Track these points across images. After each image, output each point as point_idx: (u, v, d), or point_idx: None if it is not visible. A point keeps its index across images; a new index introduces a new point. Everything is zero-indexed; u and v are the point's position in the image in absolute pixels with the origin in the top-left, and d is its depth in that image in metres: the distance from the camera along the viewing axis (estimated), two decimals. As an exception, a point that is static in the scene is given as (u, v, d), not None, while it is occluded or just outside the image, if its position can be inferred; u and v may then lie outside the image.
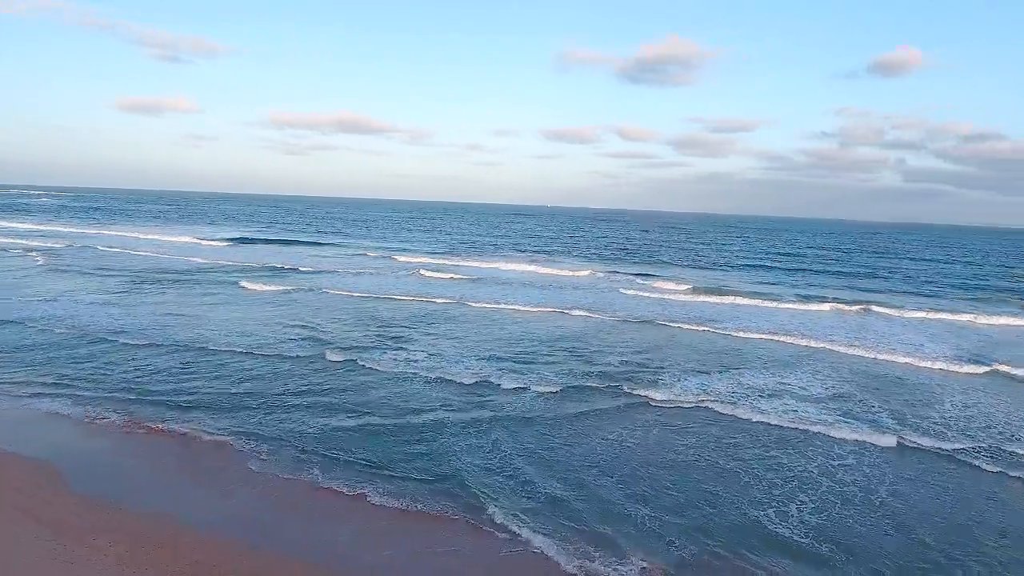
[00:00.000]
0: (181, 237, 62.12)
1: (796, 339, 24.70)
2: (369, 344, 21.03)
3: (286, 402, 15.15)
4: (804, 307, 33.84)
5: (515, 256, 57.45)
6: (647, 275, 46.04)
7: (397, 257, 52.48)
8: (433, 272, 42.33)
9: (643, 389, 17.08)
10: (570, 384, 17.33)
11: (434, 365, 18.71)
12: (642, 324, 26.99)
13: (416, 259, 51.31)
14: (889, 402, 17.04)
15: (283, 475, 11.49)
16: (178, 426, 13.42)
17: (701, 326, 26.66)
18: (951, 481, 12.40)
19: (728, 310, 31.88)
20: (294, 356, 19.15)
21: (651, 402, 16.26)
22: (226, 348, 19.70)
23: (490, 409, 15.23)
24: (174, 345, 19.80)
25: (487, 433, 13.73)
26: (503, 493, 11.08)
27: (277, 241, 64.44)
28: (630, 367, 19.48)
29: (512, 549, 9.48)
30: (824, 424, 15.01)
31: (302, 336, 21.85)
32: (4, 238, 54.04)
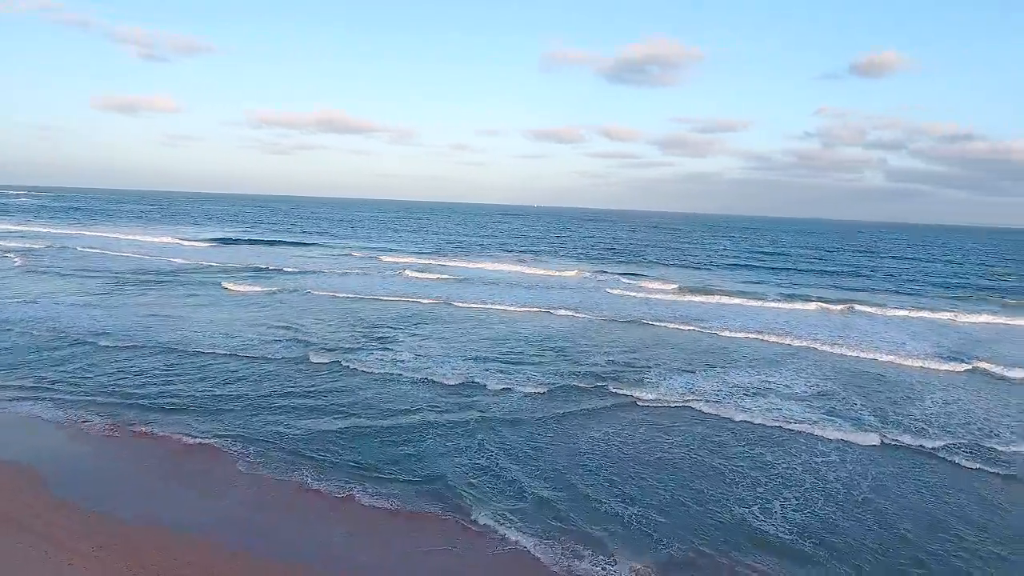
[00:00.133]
0: (163, 238, 61.46)
1: (781, 338, 24.92)
2: (355, 345, 20.93)
3: (272, 404, 15.04)
4: (789, 306, 34.16)
5: (502, 256, 57.45)
6: (633, 275, 46.25)
7: (383, 257, 52.29)
8: (419, 272, 42.23)
9: (630, 389, 17.15)
10: (557, 384, 17.36)
11: (420, 366, 18.66)
12: (629, 324, 27.10)
13: (402, 259, 51.16)
14: (872, 400, 17.24)
15: (272, 477, 11.42)
16: (162, 429, 13.28)
17: (687, 325, 26.82)
18: (932, 477, 12.57)
19: (714, 309, 32.10)
20: (279, 358, 19.02)
21: (638, 402, 16.33)
22: (210, 350, 19.52)
23: (477, 410, 15.22)
24: (157, 347, 19.58)
25: (474, 434, 13.72)
26: (491, 494, 11.08)
27: (261, 242, 63.94)
28: (617, 367, 19.55)
29: (501, 549, 9.48)
30: (808, 423, 15.15)
31: (287, 337, 21.71)
32: (-18, 239, 53.16)
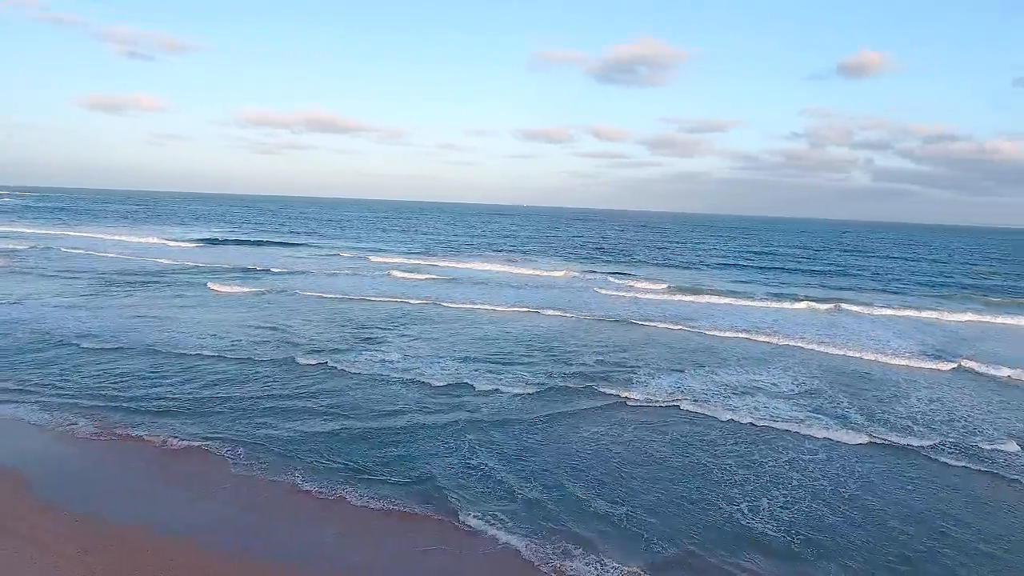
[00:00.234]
0: (149, 238, 60.94)
1: (769, 337, 25.08)
2: (344, 346, 20.85)
3: (260, 406, 14.95)
4: (777, 305, 34.39)
5: (491, 256, 57.42)
6: (623, 274, 46.40)
7: (371, 258, 52.11)
8: (408, 273, 42.13)
9: (619, 388, 17.20)
10: (546, 384, 17.38)
11: (409, 367, 18.61)
12: (617, 323, 27.17)
13: (391, 259, 51.02)
14: (858, 398, 17.39)
15: (262, 479, 11.35)
16: (150, 431, 13.16)
17: (676, 325, 26.92)
18: (918, 475, 12.69)
19: (703, 309, 32.25)
20: (267, 359, 18.90)
21: (627, 401, 16.37)
22: (196, 352, 19.37)
23: (466, 411, 15.20)
24: (143, 349, 19.41)
25: (463, 435, 13.70)
26: (481, 495, 11.07)
27: (249, 242, 63.54)
28: (606, 366, 19.59)
29: (491, 549, 9.48)
30: (796, 421, 15.26)
31: (275, 339, 21.59)
32: (-36, 239, 52.48)
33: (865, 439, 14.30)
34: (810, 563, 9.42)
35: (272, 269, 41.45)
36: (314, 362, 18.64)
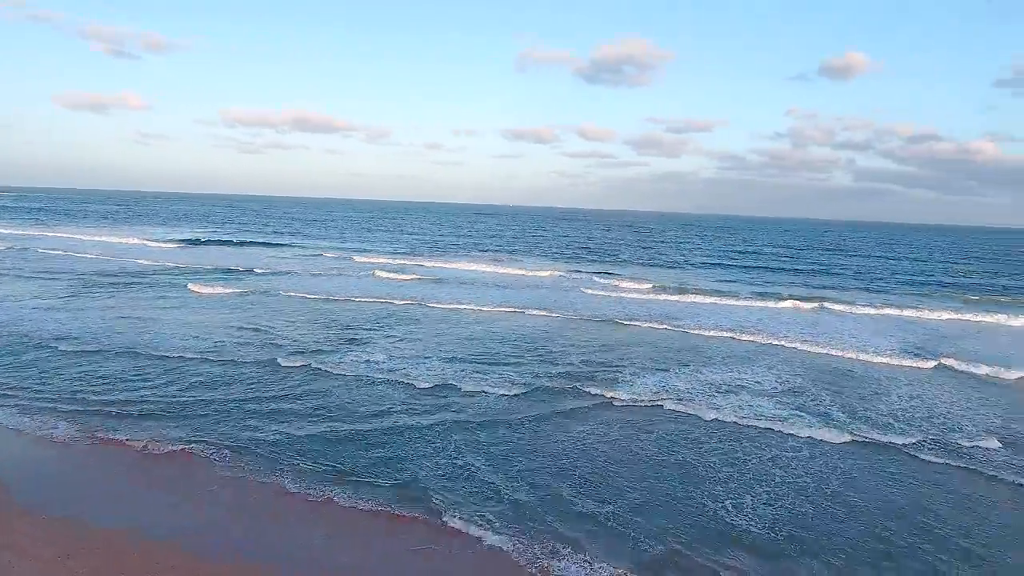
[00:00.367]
0: (129, 239, 60.20)
1: (753, 336, 25.29)
2: (328, 347, 20.73)
3: (244, 408, 14.82)
4: (761, 304, 34.70)
5: (477, 256, 57.39)
6: (608, 274, 46.57)
7: (356, 258, 51.86)
8: (393, 273, 41.98)
9: (604, 388, 17.26)
10: (532, 385, 17.40)
11: (395, 368, 18.55)
12: (603, 323, 27.26)
13: (376, 260, 50.81)
14: (841, 396, 17.59)
15: (249, 481, 11.26)
16: (132, 435, 13.00)
17: (661, 324, 27.07)
18: (899, 471, 12.87)
19: (687, 308, 32.44)
20: (250, 361, 18.75)
21: (612, 401, 16.44)
22: (178, 354, 19.17)
23: (452, 412, 15.18)
24: (123, 351, 19.17)
25: (449, 436, 13.68)
26: (468, 495, 11.06)
27: (232, 242, 62.99)
28: (591, 366, 19.65)
29: (478, 550, 9.48)
30: (779, 419, 15.40)
31: (258, 340, 21.42)
32: (-60, 240, 51.51)
33: (847, 437, 14.47)
34: (793, 559, 9.52)
35: (255, 270, 41.11)
36: (298, 364, 18.52)
